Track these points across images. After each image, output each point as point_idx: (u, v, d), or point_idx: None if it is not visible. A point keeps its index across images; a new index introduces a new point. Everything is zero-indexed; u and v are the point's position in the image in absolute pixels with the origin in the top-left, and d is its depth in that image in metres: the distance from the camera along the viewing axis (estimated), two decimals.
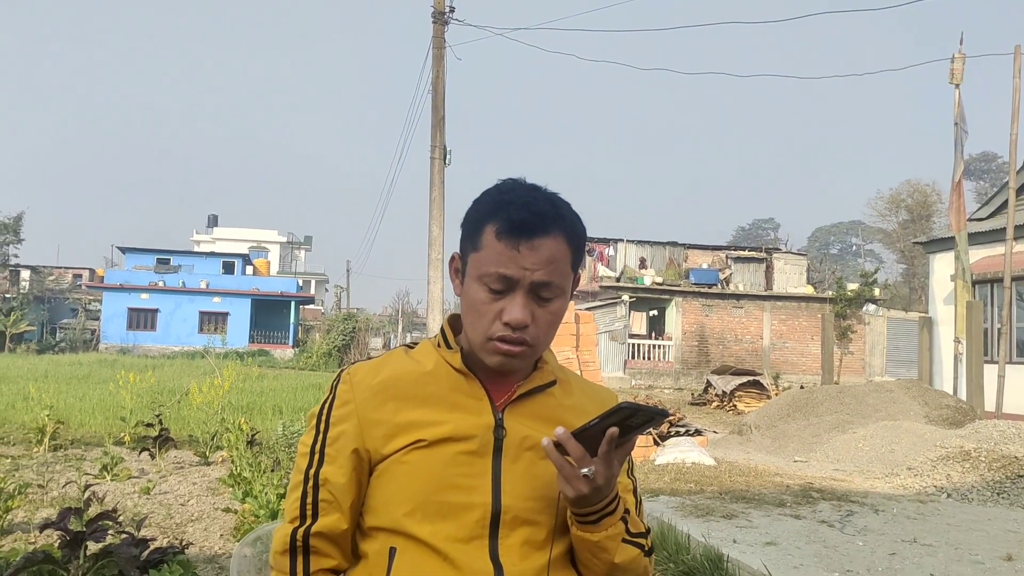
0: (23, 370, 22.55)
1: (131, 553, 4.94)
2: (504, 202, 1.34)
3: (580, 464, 1.25)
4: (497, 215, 1.33)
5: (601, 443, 1.24)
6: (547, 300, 1.35)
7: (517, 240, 1.31)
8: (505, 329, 1.33)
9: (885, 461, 9.51)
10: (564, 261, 1.35)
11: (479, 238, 1.35)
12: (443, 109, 15.65)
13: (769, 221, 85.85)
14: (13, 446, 10.57)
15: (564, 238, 1.35)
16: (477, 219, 1.37)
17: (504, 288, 1.33)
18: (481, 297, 1.34)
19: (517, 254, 1.31)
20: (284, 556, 1.36)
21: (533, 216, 1.32)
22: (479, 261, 1.35)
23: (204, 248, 60.51)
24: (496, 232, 1.32)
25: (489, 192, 1.40)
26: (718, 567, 4.96)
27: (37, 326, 43.33)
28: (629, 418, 1.22)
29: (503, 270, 1.32)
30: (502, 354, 1.35)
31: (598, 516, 1.31)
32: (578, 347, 11.52)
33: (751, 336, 31.59)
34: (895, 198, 57.96)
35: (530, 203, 1.33)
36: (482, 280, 1.34)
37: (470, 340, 1.40)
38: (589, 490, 1.26)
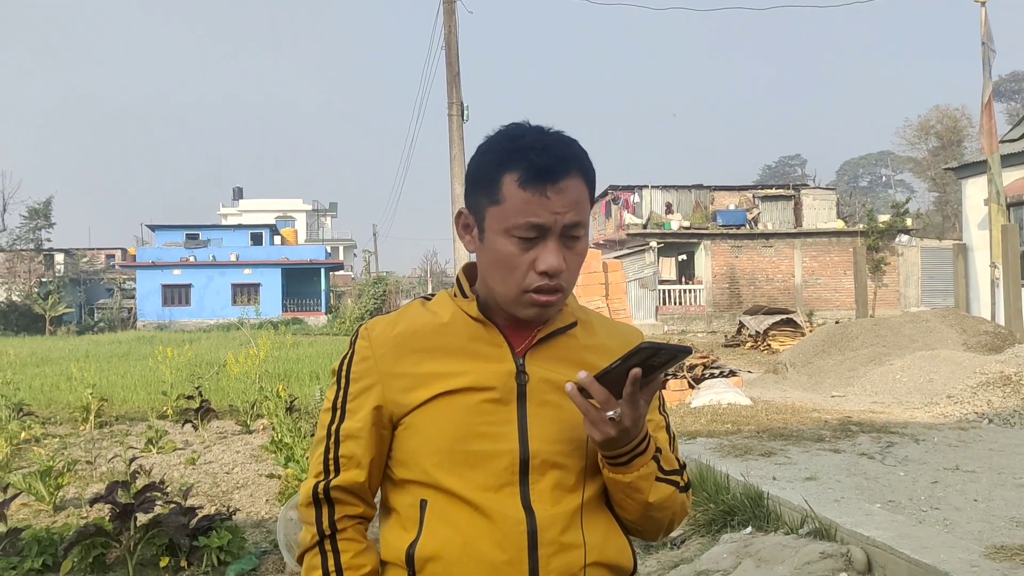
0: (64, 351, 23.02)
1: (180, 522, 5.06)
2: (520, 148, 1.30)
3: (605, 407, 1.23)
4: (516, 163, 1.29)
5: (625, 384, 1.22)
6: (575, 241, 1.33)
7: (543, 186, 1.28)
8: (541, 279, 1.31)
9: (924, 391, 9.43)
10: (585, 199, 1.33)
11: (497, 190, 1.31)
12: (457, 65, 15.48)
13: (796, 157, 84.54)
14: (60, 425, 10.82)
15: (582, 176, 1.33)
16: (490, 170, 1.33)
17: (535, 236, 1.30)
18: (511, 250, 1.31)
19: (546, 200, 1.28)
20: (309, 508, 1.38)
21: (556, 159, 1.29)
22: (503, 214, 1.31)
23: (231, 221, 60.95)
24: (519, 181, 1.28)
25: (496, 140, 1.35)
26: (758, 504, 4.97)
27: (75, 308, 44.15)
28: (651, 357, 1.20)
29: (534, 219, 1.28)
30: (539, 305, 1.33)
31: (628, 457, 1.30)
32: (608, 296, 11.50)
33: (782, 275, 31.30)
34: (924, 125, 56.66)
35: (549, 146, 1.30)
36: (510, 233, 1.30)
37: (499, 295, 1.36)
38: (616, 432, 1.25)
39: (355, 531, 1.38)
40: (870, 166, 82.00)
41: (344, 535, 1.36)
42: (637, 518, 1.37)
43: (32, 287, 43.42)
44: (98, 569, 4.97)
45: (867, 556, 4.04)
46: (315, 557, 1.36)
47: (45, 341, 30.39)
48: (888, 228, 31.27)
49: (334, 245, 63.73)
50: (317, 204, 73.24)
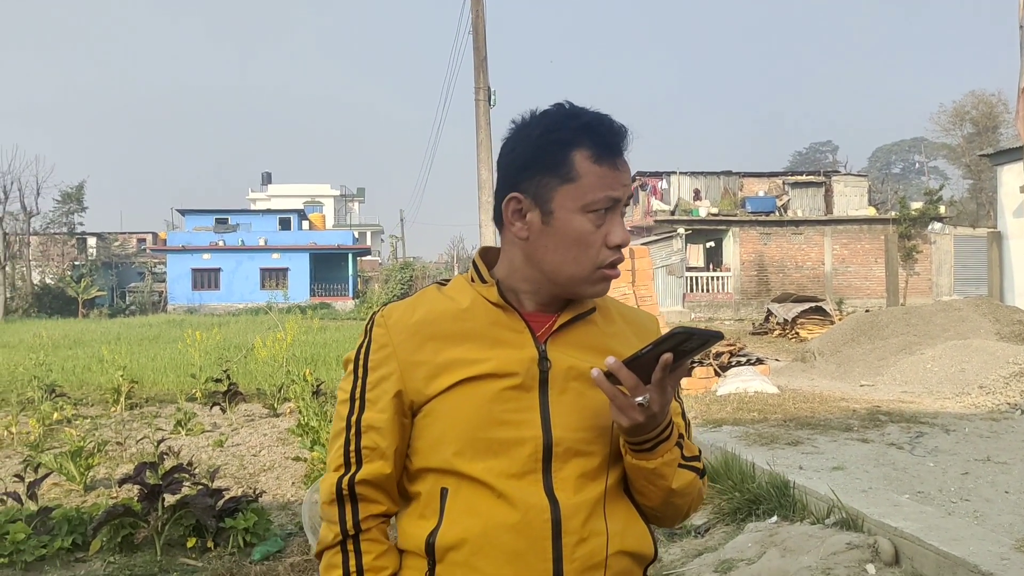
0: (96, 334, 23.37)
1: (206, 503, 5.11)
2: (588, 125, 1.32)
3: (634, 393, 1.22)
4: (586, 139, 1.31)
5: (655, 370, 1.20)
6: (623, 214, 1.37)
7: (614, 160, 1.32)
8: (614, 253, 1.33)
9: (955, 381, 9.29)
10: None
11: (569, 168, 1.30)
12: (485, 50, 15.42)
13: (827, 144, 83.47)
14: (91, 406, 10.98)
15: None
16: (558, 149, 1.31)
17: (608, 209, 1.32)
18: (588, 228, 1.31)
19: (618, 173, 1.32)
20: (332, 506, 1.34)
21: (619, 134, 1.33)
22: (580, 191, 1.30)
23: (260, 206, 61.35)
24: (594, 157, 1.30)
25: (556, 120, 1.33)
26: (784, 493, 4.93)
27: (107, 291, 44.76)
28: (684, 342, 1.18)
29: (612, 192, 1.31)
30: (608, 280, 1.36)
31: (653, 443, 1.28)
32: (634, 282, 11.43)
33: (812, 262, 30.96)
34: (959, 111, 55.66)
35: (611, 122, 1.34)
36: (587, 209, 1.31)
37: (568, 277, 1.34)
38: (644, 418, 1.23)
39: (379, 531, 1.35)
40: (903, 152, 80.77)
41: (367, 535, 1.33)
42: (658, 504, 1.36)
43: (65, 270, 44.08)
44: (126, 548, 5.04)
45: (895, 547, 3.98)
46: (335, 556, 1.34)
47: (78, 323, 30.87)
48: (921, 215, 30.80)
49: (361, 230, 63.89)
50: (345, 189, 73.53)
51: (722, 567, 4.30)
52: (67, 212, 46.26)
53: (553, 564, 1.26)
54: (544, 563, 1.26)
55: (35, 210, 43.28)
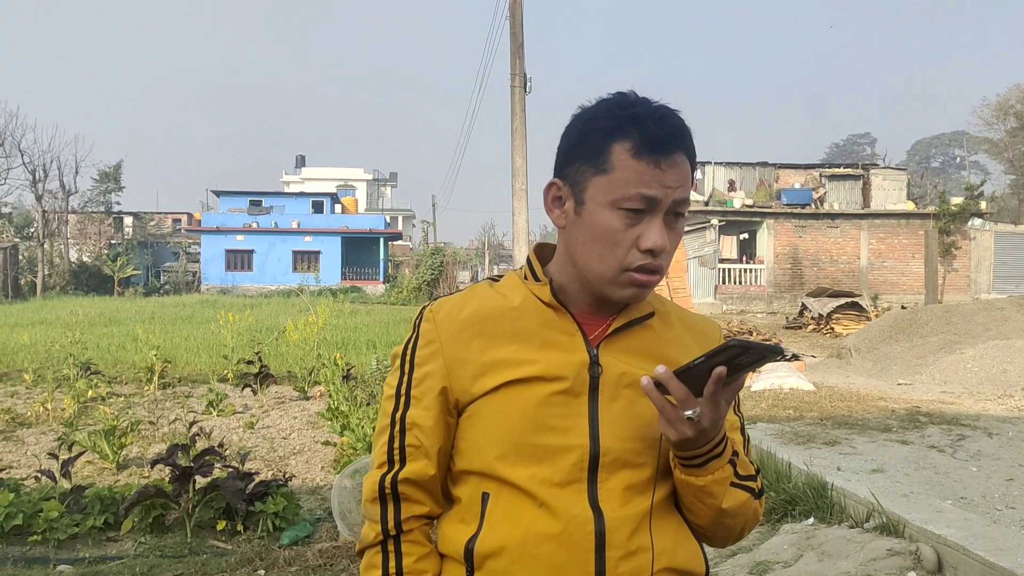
0: (131, 312, 23.65)
1: (237, 486, 5.11)
2: (636, 116, 1.22)
3: (684, 406, 1.15)
4: (630, 131, 1.21)
5: (707, 383, 1.13)
6: (678, 219, 1.26)
7: (659, 157, 1.21)
8: (645, 257, 1.23)
9: (997, 382, 9.08)
10: (689, 177, 1.26)
11: (606, 159, 1.22)
12: (521, 35, 15.29)
13: (865, 136, 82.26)
14: (125, 385, 11.09)
15: (688, 153, 1.26)
16: (599, 138, 1.24)
17: (643, 210, 1.23)
18: (616, 224, 1.23)
19: (660, 172, 1.21)
20: (375, 504, 1.31)
21: (673, 130, 1.23)
22: (612, 184, 1.22)
23: (293, 189, 61.73)
24: (634, 150, 1.21)
25: (604, 108, 1.26)
26: (822, 495, 4.82)
27: (142, 270, 45.35)
28: (738, 356, 1.10)
29: (647, 191, 1.21)
30: (637, 285, 1.25)
31: (704, 459, 1.21)
32: (667, 274, 11.30)
33: (847, 256, 30.51)
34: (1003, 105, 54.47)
35: (666, 116, 1.23)
36: (617, 205, 1.22)
37: (595, 274, 1.28)
38: (694, 433, 1.16)
39: (420, 533, 1.31)
40: (943, 146, 79.37)
41: (409, 537, 1.30)
42: (708, 524, 1.29)
43: (102, 249, 44.70)
44: (157, 529, 5.06)
45: (937, 555, 3.87)
46: (376, 556, 1.30)
47: (113, 302, 31.30)
48: (961, 211, 30.21)
49: (393, 215, 64.08)
50: (378, 174, 73.70)
51: (757, 569, 4.21)
52: (105, 191, 46.86)
53: None
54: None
55: (73, 189, 43.94)
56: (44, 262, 39.69)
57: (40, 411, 8.77)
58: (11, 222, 43.30)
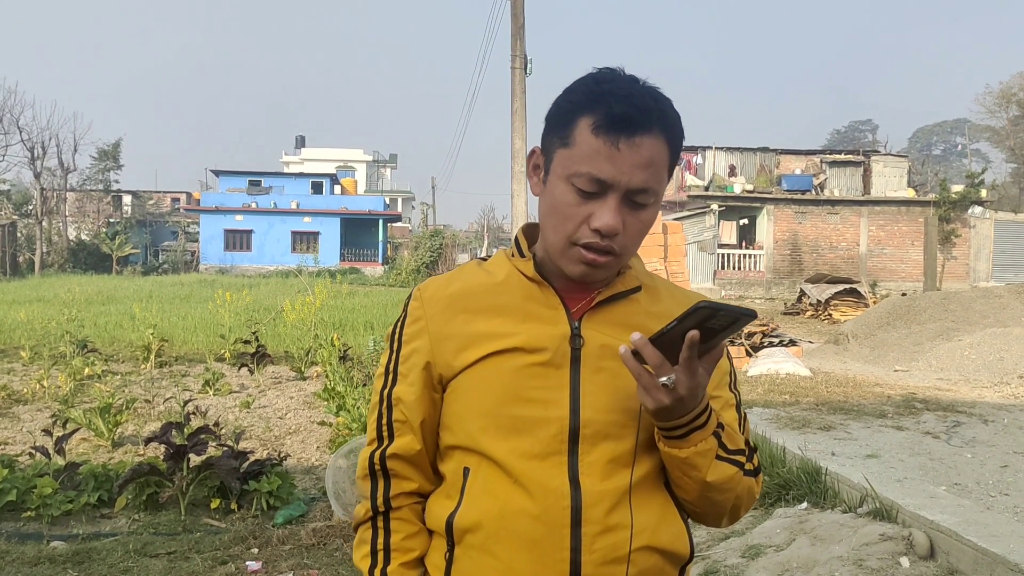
0: (129, 291, 23.63)
1: (231, 465, 5.11)
2: (603, 92, 1.19)
3: (659, 372, 1.13)
4: (594, 107, 1.19)
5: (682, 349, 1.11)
6: (641, 207, 1.22)
7: (616, 136, 1.17)
8: (593, 236, 1.21)
9: (994, 369, 9.08)
10: (662, 164, 1.22)
11: (570, 132, 1.21)
12: (522, 17, 15.19)
13: (867, 123, 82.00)
14: (122, 363, 11.09)
15: (665, 138, 1.21)
16: (569, 110, 1.22)
17: (596, 191, 1.20)
18: (568, 199, 1.22)
19: (616, 152, 1.17)
20: (366, 480, 1.33)
21: (636, 110, 1.18)
22: (569, 158, 1.21)
23: (293, 169, 61.49)
24: (593, 127, 1.18)
25: (583, 81, 1.24)
26: (816, 480, 4.82)
27: (141, 249, 45.25)
28: (709, 319, 1.08)
29: (597, 172, 1.18)
30: (586, 263, 1.24)
31: (686, 431, 1.19)
32: (666, 258, 11.28)
33: (847, 243, 30.47)
34: (1005, 92, 54.28)
35: (632, 95, 1.19)
36: (571, 180, 1.21)
37: (549, 244, 1.28)
38: (671, 401, 1.14)
39: (410, 511, 1.33)
40: (945, 134, 79.20)
41: (398, 514, 1.32)
42: (695, 499, 1.27)
43: (100, 227, 44.57)
44: (151, 507, 5.07)
45: (930, 541, 3.87)
46: (366, 531, 1.33)
47: (111, 280, 31.25)
48: (961, 199, 30.13)
49: (393, 196, 63.93)
50: (377, 155, 73.46)
51: (749, 552, 4.21)
52: (103, 169, 46.66)
53: (571, 554, 1.20)
54: (561, 552, 1.20)
55: (72, 166, 43.75)
56: (42, 240, 39.61)
57: (36, 388, 8.76)
58: (9, 199, 43.14)
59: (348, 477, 5.00)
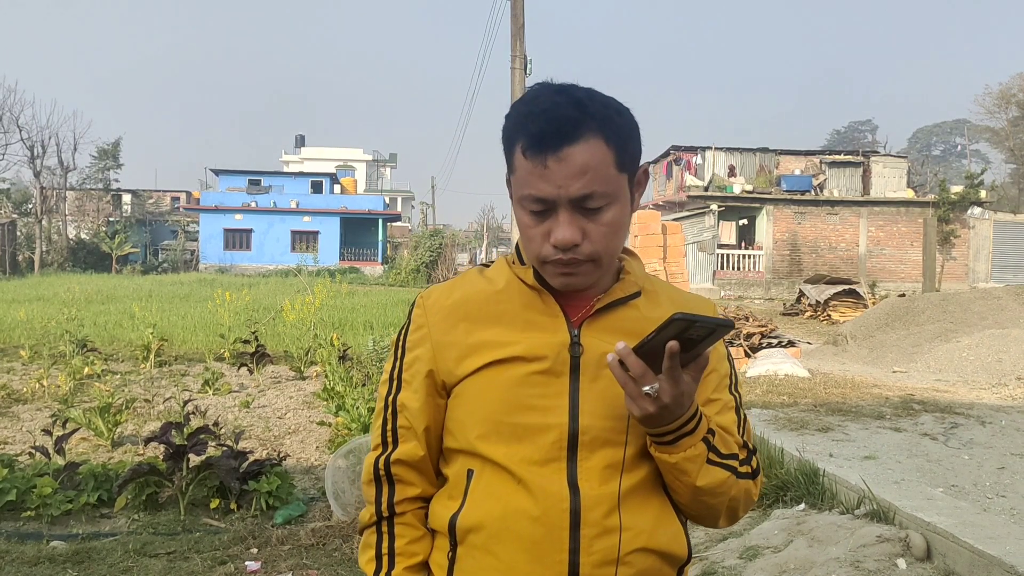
0: (129, 290, 23.63)
1: (230, 465, 5.12)
2: (526, 114, 1.21)
3: (642, 381, 1.16)
4: (521, 130, 1.22)
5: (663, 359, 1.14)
6: (596, 211, 1.22)
7: (543, 155, 1.19)
8: (556, 252, 1.23)
9: (992, 371, 9.10)
10: (604, 165, 1.20)
11: (512, 158, 1.25)
12: (523, 17, 15.21)
13: (866, 123, 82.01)
14: (122, 362, 11.09)
15: (600, 138, 1.20)
16: (506, 137, 1.26)
17: (544, 209, 1.22)
18: (526, 220, 1.25)
19: (545, 171, 1.19)
20: (370, 486, 1.36)
21: (552, 125, 1.18)
22: (516, 183, 1.25)
23: (293, 168, 61.49)
24: (523, 150, 1.21)
25: (515, 105, 1.27)
26: (813, 481, 4.83)
27: (140, 248, 45.27)
28: (686, 331, 1.11)
29: (536, 192, 1.21)
30: (561, 275, 1.27)
31: (674, 437, 1.22)
32: (665, 258, 11.28)
33: (846, 244, 30.49)
34: (1005, 93, 54.31)
35: (549, 110, 1.19)
36: (522, 203, 1.24)
37: (530, 261, 1.32)
38: (655, 409, 1.17)
39: (414, 516, 1.35)
40: (944, 135, 79.20)
41: (402, 519, 1.35)
42: (687, 502, 1.30)
43: (100, 226, 44.57)
44: (151, 507, 5.08)
45: (927, 543, 3.88)
46: (371, 536, 1.36)
47: (111, 279, 31.26)
48: (960, 199, 30.16)
49: (392, 196, 63.96)
50: (377, 154, 73.51)
51: (747, 553, 4.22)
52: (103, 168, 46.67)
53: (569, 555, 1.23)
54: (560, 554, 1.23)
55: (72, 165, 43.78)
56: (42, 238, 39.63)
57: (36, 388, 8.77)
58: (9, 198, 43.14)
59: (347, 477, 5.02)
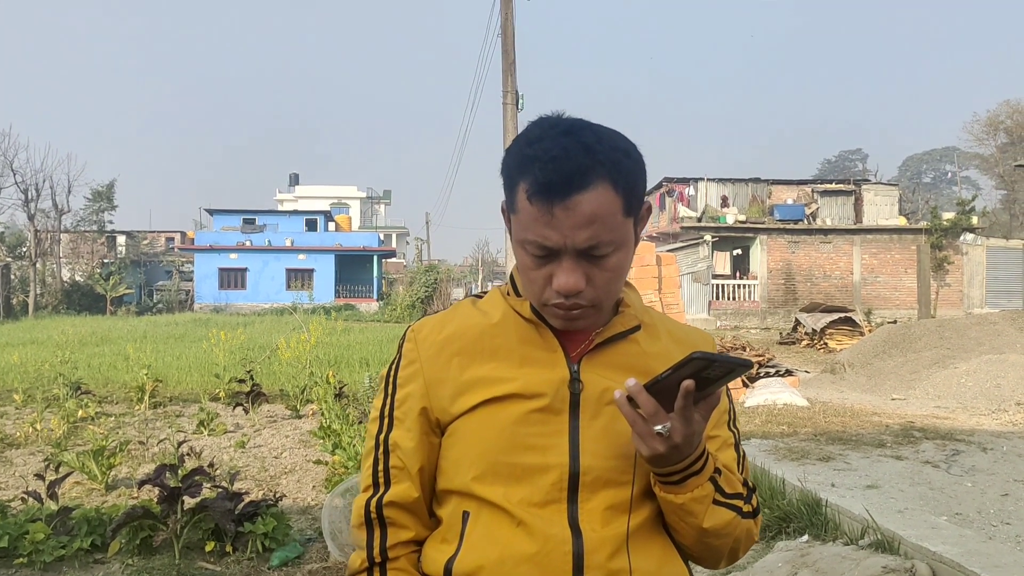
0: (123, 331, 23.53)
1: (226, 507, 5.04)
2: (531, 157, 1.15)
3: (654, 420, 1.11)
4: (525, 173, 1.15)
5: (676, 397, 1.10)
6: (601, 258, 1.17)
7: (550, 203, 1.13)
8: (558, 297, 1.19)
9: (991, 397, 9.07)
10: (612, 213, 1.15)
11: (514, 197, 1.19)
12: (513, 53, 15.35)
13: (856, 152, 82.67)
14: (116, 404, 11.00)
15: (609, 185, 1.14)
16: (508, 175, 1.20)
17: (546, 255, 1.17)
18: (527, 262, 1.20)
19: (552, 219, 1.13)
20: (361, 529, 1.30)
21: (562, 175, 1.12)
22: (518, 224, 1.19)
23: (287, 207, 61.70)
24: (527, 194, 1.15)
25: (517, 141, 1.21)
26: (816, 512, 4.78)
27: (135, 289, 45.18)
28: (704, 369, 1.07)
29: (541, 239, 1.15)
30: (562, 318, 1.22)
31: (681, 477, 1.18)
32: (661, 289, 11.29)
33: (840, 272, 30.58)
34: (992, 120, 54.88)
35: (558, 157, 1.12)
36: (523, 245, 1.19)
37: (531, 300, 1.27)
38: (666, 448, 1.13)
39: (407, 560, 1.29)
40: (934, 162, 79.87)
41: (395, 564, 1.28)
42: (692, 544, 1.25)
43: (94, 268, 44.50)
44: (145, 551, 4.99)
45: (933, 572, 3.83)
46: None
47: (105, 321, 31.14)
48: (952, 226, 30.33)
49: (387, 232, 64.16)
50: (371, 191, 73.82)
51: None
52: (98, 210, 46.68)
53: None
54: None
55: (66, 208, 43.75)
56: (36, 281, 39.52)
57: (29, 432, 8.68)
58: (3, 241, 43.13)
59: (344, 517, 4.94)
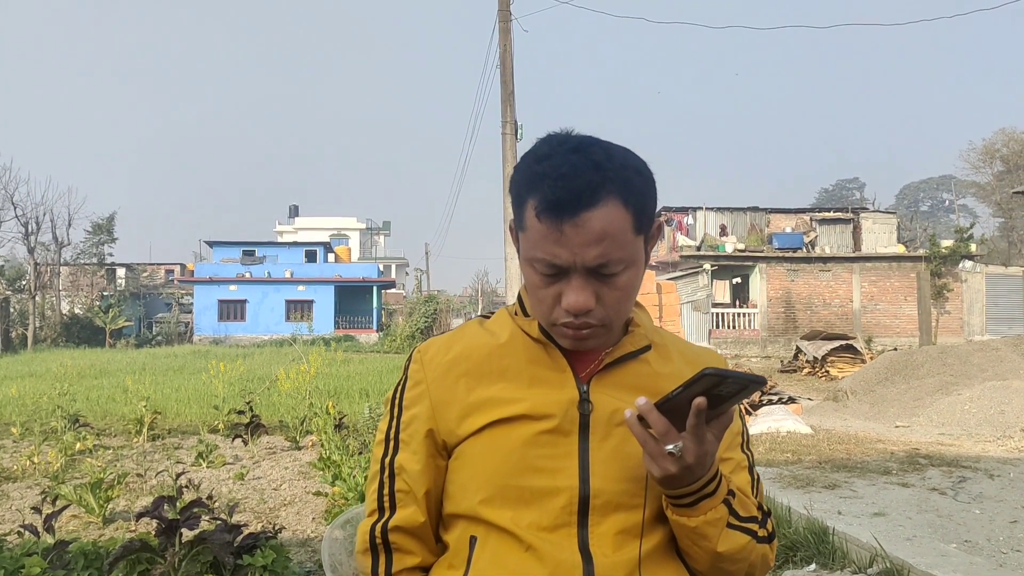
0: (122, 364, 23.45)
1: (225, 539, 4.97)
2: (540, 174, 1.13)
3: (665, 440, 1.08)
4: (534, 190, 1.13)
5: (688, 416, 1.07)
6: (611, 276, 1.15)
7: (559, 220, 1.11)
8: (567, 316, 1.16)
9: (995, 423, 9.01)
10: (623, 231, 1.13)
11: (523, 216, 1.17)
12: (512, 83, 15.45)
13: (854, 181, 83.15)
14: (114, 437, 10.92)
15: (619, 202, 1.12)
16: (517, 192, 1.18)
17: (555, 273, 1.15)
18: (535, 281, 1.18)
19: (561, 236, 1.11)
20: (366, 555, 1.26)
21: (572, 192, 1.10)
22: (526, 242, 1.18)
23: (287, 238, 61.79)
24: (536, 211, 1.13)
25: (526, 158, 1.19)
26: (823, 540, 4.71)
27: (134, 321, 45.13)
28: (717, 386, 1.04)
29: (550, 257, 1.14)
30: (572, 338, 1.20)
31: (694, 499, 1.14)
32: (661, 318, 11.28)
33: (840, 300, 30.57)
34: (989, 149, 55.25)
35: (567, 175, 1.11)
36: (532, 264, 1.17)
37: (539, 320, 1.24)
38: (677, 469, 1.09)
39: None
40: (931, 190, 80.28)
41: None
42: (706, 569, 1.21)
43: (94, 300, 44.48)
44: None
45: None
46: None
47: (104, 353, 31.05)
48: (951, 253, 30.38)
49: (387, 263, 64.23)
50: (371, 222, 74.04)
51: None
52: (97, 243, 46.81)
53: None
54: None
55: (66, 241, 43.83)
56: (35, 315, 39.47)
57: (27, 465, 8.59)
58: (3, 275, 43.13)
59: (344, 548, 4.87)
